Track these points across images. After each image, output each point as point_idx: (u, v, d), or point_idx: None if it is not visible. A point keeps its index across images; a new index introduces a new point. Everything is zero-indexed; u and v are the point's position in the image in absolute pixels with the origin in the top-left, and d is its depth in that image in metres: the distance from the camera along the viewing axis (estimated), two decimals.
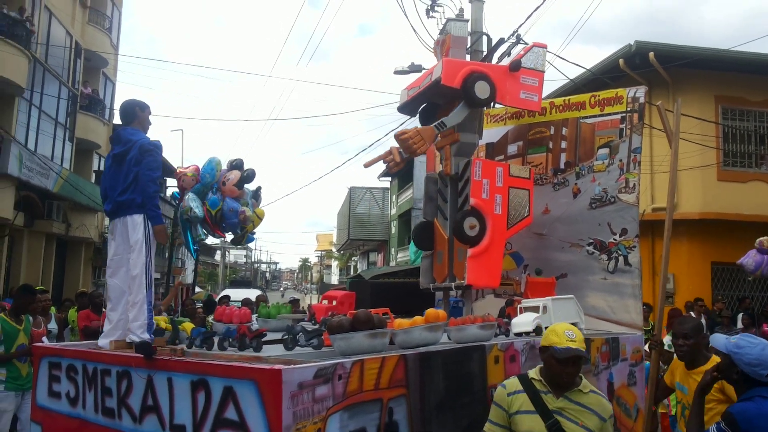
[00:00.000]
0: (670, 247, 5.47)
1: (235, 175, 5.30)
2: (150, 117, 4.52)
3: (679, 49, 12.96)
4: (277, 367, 2.73)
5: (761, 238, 8.98)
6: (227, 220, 5.19)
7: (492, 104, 7.05)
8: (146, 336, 3.84)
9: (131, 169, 4.14)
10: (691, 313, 11.02)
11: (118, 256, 4.16)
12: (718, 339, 3.23)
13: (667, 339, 7.82)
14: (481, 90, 5.76)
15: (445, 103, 6.28)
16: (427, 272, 6.46)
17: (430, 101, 6.38)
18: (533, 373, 3.17)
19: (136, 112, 4.40)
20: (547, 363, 3.09)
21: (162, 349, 3.57)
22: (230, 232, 5.39)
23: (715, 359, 3.89)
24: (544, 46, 6.47)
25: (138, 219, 4.08)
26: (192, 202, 5.03)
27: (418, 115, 6.62)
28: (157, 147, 4.21)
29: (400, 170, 30.18)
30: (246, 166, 5.50)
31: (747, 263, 7.53)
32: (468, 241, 5.67)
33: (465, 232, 5.64)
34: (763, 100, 13.53)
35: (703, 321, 10.88)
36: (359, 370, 3.06)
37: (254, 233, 5.80)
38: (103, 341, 4.11)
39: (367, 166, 6.55)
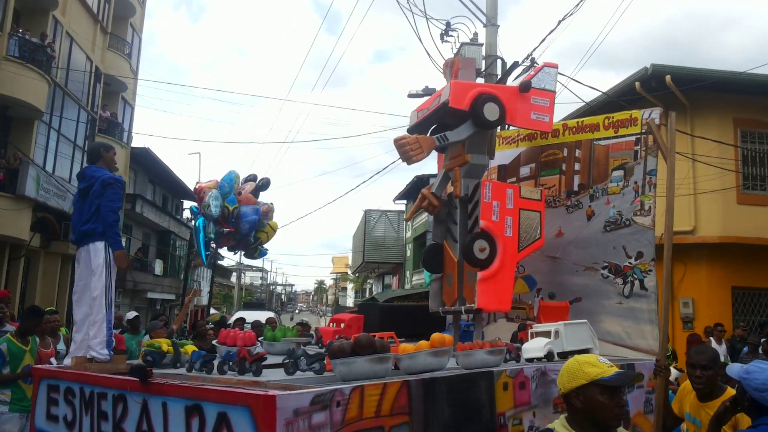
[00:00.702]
0: (672, 268, 5.28)
1: (250, 185, 5.53)
2: (114, 156, 4.96)
3: (696, 72, 12.80)
4: (271, 392, 2.63)
5: None
6: (244, 218, 5.34)
7: (507, 126, 6.97)
8: (105, 352, 4.21)
9: (94, 201, 4.52)
10: (711, 338, 10.76)
11: (83, 282, 4.52)
12: (733, 367, 3.10)
13: (674, 372, 7.58)
14: (491, 112, 5.68)
15: (455, 124, 6.21)
16: (436, 295, 6.34)
17: (440, 122, 6.32)
18: (560, 427, 2.49)
19: (101, 153, 4.85)
20: (589, 404, 2.41)
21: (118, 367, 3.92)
22: (246, 233, 5.45)
23: (731, 391, 3.73)
24: (555, 66, 6.39)
25: (99, 246, 4.44)
26: (212, 200, 5.15)
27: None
28: (118, 181, 4.62)
29: (416, 192, 30.16)
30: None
31: None
32: (478, 264, 5.55)
33: (475, 255, 5.52)
34: None
35: (724, 347, 10.62)
36: (359, 396, 2.95)
37: (266, 249, 5.85)
38: (67, 360, 4.49)
39: (408, 219, 6.52)
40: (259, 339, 5.11)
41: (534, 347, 4.67)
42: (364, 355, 3.24)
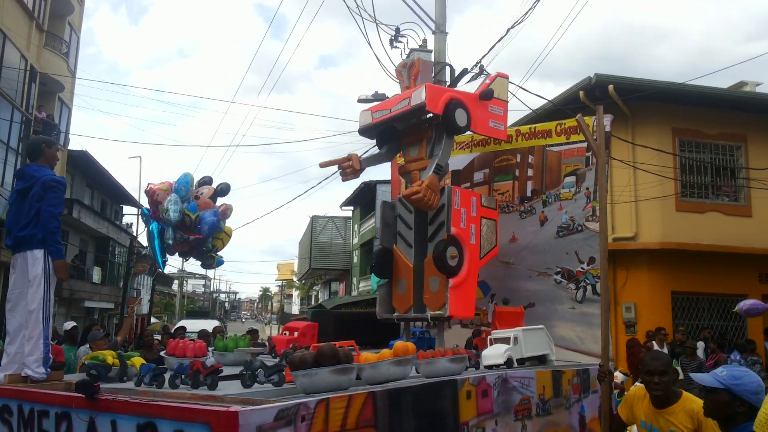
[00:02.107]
0: (607, 270, 5.38)
1: (208, 189, 5.31)
2: (57, 153, 4.59)
3: (637, 83, 13.21)
4: (233, 408, 2.48)
5: None
6: (203, 220, 5.11)
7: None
8: (41, 369, 3.93)
9: (33, 204, 4.21)
10: (654, 342, 11.06)
11: (18, 290, 4.22)
12: (703, 377, 3.06)
13: (620, 376, 7.69)
14: (460, 118, 5.71)
15: (405, 128, 6.15)
16: (384, 301, 6.21)
17: (388, 125, 6.24)
18: None
19: (42, 149, 4.47)
20: None
21: (58, 383, 3.73)
22: (206, 237, 5.21)
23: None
24: (506, 77, 6.48)
25: (38, 254, 4.14)
26: (171, 204, 4.88)
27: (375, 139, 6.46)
28: (60, 184, 4.30)
29: (363, 199, 30.15)
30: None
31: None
32: (449, 271, 5.51)
33: (447, 262, 5.47)
34: (719, 133, 13.86)
35: (666, 350, 10.93)
36: (324, 409, 2.82)
37: (223, 259, 5.64)
38: None
39: (323, 166, 6.34)
40: (209, 349, 4.90)
41: (494, 354, 4.63)
42: (327, 366, 3.11)
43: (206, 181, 5.39)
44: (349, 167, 5.95)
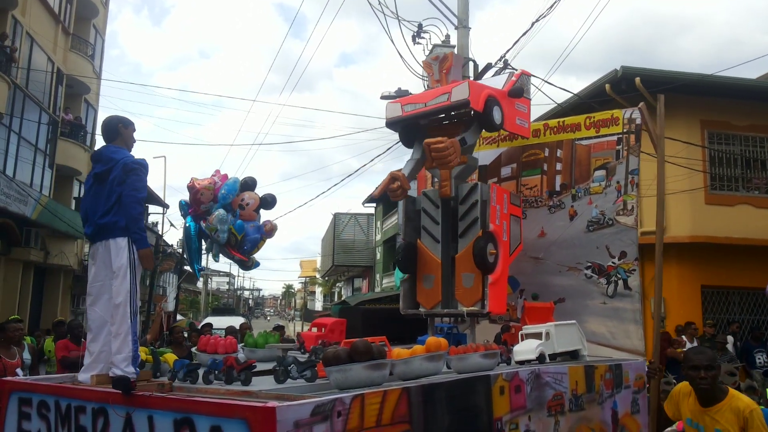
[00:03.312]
0: (662, 263, 5.28)
1: (254, 199, 5.02)
2: (134, 134, 4.25)
3: (664, 75, 12.98)
4: (270, 404, 2.48)
5: None
6: (248, 237, 4.88)
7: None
8: (131, 369, 3.61)
9: (114, 189, 3.87)
10: (683, 337, 10.92)
11: (99, 283, 3.89)
12: None
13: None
14: (497, 115, 5.72)
15: (430, 122, 6.11)
16: (407, 296, 6.14)
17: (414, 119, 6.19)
18: None
19: (119, 129, 4.14)
20: None
21: (148, 384, 3.36)
22: (248, 252, 5.03)
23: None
24: (530, 74, 6.44)
25: (122, 243, 3.80)
26: (219, 224, 4.65)
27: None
28: (142, 166, 3.96)
29: (386, 195, 30.10)
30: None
31: None
32: (487, 267, 5.47)
33: (487, 258, 5.44)
34: (748, 125, 13.58)
35: (696, 345, 10.78)
36: (360, 405, 2.81)
37: (259, 262, 5.53)
38: (83, 375, 3.84)
39: (377, 196, 6.33)
40: (239, 345, 4.92)
41: (526, 349, 4.59)
42: (361, 362, 3.10)
43: (249, 183, 5.03)
44: (398, 188, 5.91)
